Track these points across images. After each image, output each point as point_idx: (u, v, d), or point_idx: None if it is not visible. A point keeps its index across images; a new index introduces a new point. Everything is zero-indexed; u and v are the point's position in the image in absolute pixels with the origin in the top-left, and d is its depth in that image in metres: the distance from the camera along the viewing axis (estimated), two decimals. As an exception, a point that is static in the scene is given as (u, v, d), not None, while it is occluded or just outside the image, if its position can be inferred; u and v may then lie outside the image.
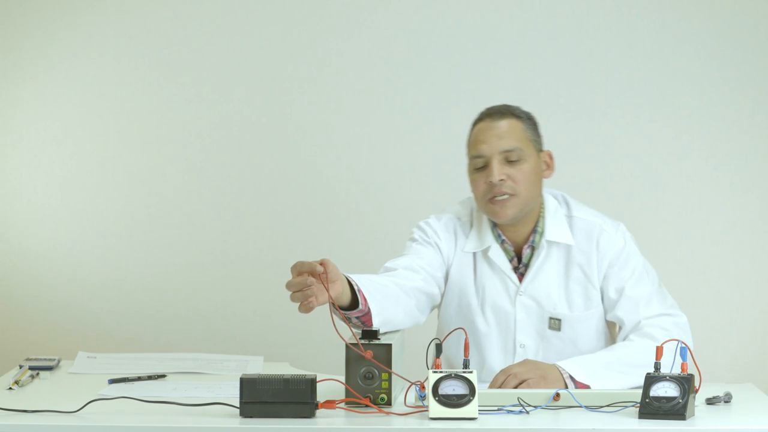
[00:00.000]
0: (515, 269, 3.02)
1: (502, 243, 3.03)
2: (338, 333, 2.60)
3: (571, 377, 2.75)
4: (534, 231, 3.02)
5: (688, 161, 4.29)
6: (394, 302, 2.80)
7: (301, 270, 2.57)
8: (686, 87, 4.28)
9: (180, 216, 4.37)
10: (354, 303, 2.70)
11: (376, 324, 2.70)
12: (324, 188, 4.34)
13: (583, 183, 4.28)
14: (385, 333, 2.72)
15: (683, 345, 2.54)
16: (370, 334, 2.62)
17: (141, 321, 4.37)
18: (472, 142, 3.00)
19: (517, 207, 2.95)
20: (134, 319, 4.38)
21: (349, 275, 2.72)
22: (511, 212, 2.95)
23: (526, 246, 3.02)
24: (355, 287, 2.70)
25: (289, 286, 2.57)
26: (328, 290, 2.57)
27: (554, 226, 3.01)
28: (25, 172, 4.38)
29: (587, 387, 2.74)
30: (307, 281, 2.54)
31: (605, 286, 2.99)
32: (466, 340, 2.57)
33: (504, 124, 2.98)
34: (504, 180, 2.94)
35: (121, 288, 4.38)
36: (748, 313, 4.29)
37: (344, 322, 2.70)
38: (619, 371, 2.78)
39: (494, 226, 3.04)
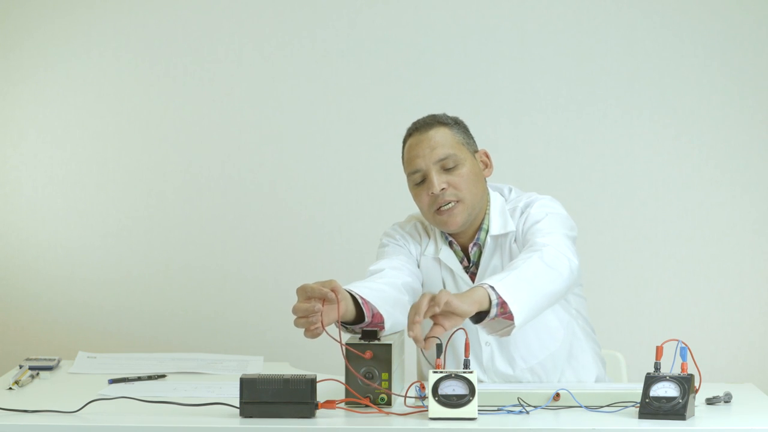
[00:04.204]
0: (466, 269, 3.03)
1: (450, 244, 3.04)
2: (340, 345, 2.60)
3: (492, 287, 2.62)
4: (480, 228, 3.02)
5: (688, 161, 4.29)
6: (392, 304, 2.80)
7: (311, 295, 2.55)
8: (686, 87, 4.28)
9: (180, 216, 4.37)
10: (358, 315, 2.71)
11: (387, 329, 2.71)
12: (325, 188, 4.34)
13: (583, 183, 4.29)
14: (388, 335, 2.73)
15: (683, 345, 2.54)
16: (370, 335, 2.62)
17: (141, 321, 4.37)
18: (407, 160, 3.00)
19: (464, 212, 2.95)
20: (134, 319, 4.38)
21: (350, 288, 2.72)
22: (459, 219, 2.95)
23: (471, 245, 3.02)
24: (359, 300, 2.70)
25: (295, 311, 2.55)
26: (338, 314, 2.57)
27: (499, 221, 3.01)
28: (25, 171, 4.38)
29: (505, 302, 2.63)
30: (314, 308, 2.54)
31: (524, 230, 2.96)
32: (466, 340, 2.57)
33: (433, 134, 2.97)
34: (445, 189, 2.93)
35: (121, 288, 4.38)
36: (748, 313, 4.29)
37: (351, 333, 2.73)
38: (535, 284, 2.69)
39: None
